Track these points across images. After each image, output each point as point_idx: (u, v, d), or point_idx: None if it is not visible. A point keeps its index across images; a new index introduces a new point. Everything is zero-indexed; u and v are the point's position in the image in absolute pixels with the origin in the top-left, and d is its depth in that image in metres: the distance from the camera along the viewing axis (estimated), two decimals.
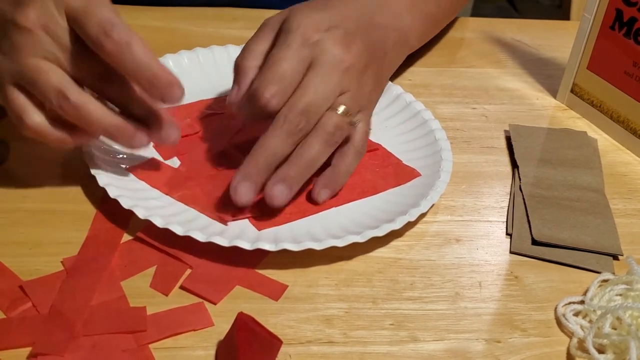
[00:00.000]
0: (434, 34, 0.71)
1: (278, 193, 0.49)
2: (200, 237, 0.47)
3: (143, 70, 0.46)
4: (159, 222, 0.47)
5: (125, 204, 0.48)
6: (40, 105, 0.47)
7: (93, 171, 0.50)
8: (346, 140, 0.52)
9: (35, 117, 0.47)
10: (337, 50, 0.51)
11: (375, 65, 0.55)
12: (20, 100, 0.46)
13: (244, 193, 0.48)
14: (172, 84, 0.47)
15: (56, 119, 0.47)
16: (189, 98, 0.61)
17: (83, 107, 0.46)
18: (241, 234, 0.49)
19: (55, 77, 0.46)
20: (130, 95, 0.49)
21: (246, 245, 0.47)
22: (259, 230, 0.50)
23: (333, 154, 0.52)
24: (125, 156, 0.54)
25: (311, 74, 0.50)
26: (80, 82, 0.47)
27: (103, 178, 0.50)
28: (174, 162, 0.55)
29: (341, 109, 0.50)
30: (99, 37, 0.44)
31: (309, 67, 0.50)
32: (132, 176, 0.53)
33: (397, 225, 0.49)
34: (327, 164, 0.52)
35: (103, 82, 0.48)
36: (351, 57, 0.52)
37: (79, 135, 0.48)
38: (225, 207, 0.50)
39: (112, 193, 0.49)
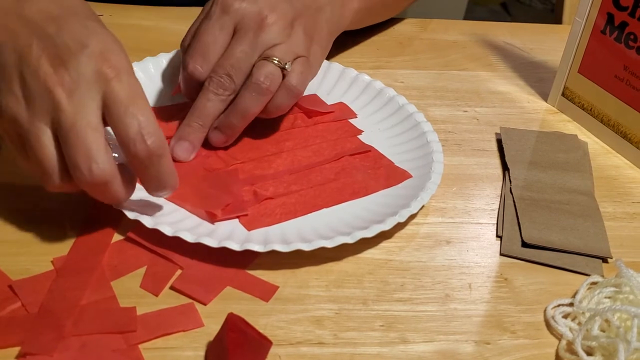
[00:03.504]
0: (381, 3, 0.73)
1: (213, 137, 0.56)
2: (189, 237, 0.47)
3: (161, 182, 0.46)
4: (148, 223, 0.47)
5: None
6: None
7: None
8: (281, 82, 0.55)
9: (107, 160, 0.44)
10: (254, 9, 0.55)
11: (305, 19, 0.57)
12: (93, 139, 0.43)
13: (181, 151, 0.54)
14: (170, 191, 0.47)
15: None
16: (181, 98, 0.61)
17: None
18: (231, 234, 0.49)
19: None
20: None
21: (235, 246, 0.47)
22: (249, 230, 0.50)
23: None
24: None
25: (234, 38, 0.55)
26: None
27: None
28: None
29: (274, 60, 0.54)
30: (136, 140, 0.43)
31: (233, 33, 0.54)
32: None
33: (386, 226, 0.49)
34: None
35: None
36: (272, 14, 0.55)
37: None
38: (215, 207, 0.50)
39: None
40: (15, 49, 0.44)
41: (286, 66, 0.54)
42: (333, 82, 0.65)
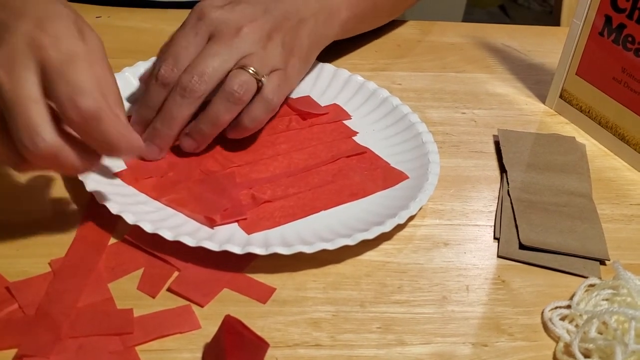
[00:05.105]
0: (372, 12, 0.71)
1: (184, 143, 0.54)
2: (189, 241, 0.47)
3: (108, 145, 0.43)
4: (148, 228, 0.47)
5: (114, 209, 0.48)
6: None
7: (81, 177, 0.50)
8: (256, 94, 0.54)
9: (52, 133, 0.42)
10: (232, 17, 0.54)
11: (284, 32, 0.57)
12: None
13: (149, 153, 0.53)
14: (131, 152, 0.45)
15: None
16: None
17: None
18: (231, 238, 0.49)
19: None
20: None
21: (236, 250, 0.47)
22: (249, 234, 0.50)
23: None
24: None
25: (208, 43, 0.54)
26: None
27: (91, 183, 0.50)
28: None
29: (250, 70, 0.53)
30: (67, 106, 0.41)
31: (208, 40, 0.53)
32: (120, 181, 0.52)
33: (386, 227, 0.49)
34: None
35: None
36: (250, 24, 0.54)
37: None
38: (214, 212, 0.50)
39: (100, 199, 0.49)
40: None
41: (262, 79, 0.53)
42: (326, 83, 0.65)
